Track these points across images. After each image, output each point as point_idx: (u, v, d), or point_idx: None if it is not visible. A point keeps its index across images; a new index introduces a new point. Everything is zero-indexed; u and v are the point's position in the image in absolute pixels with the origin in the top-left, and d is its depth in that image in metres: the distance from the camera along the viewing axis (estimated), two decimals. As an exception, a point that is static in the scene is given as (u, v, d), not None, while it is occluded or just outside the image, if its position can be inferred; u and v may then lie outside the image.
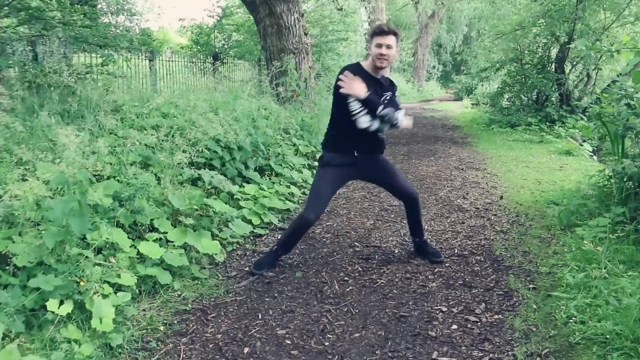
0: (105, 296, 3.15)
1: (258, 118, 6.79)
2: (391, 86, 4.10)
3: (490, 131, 13.57)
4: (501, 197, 6.54)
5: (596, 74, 14.04)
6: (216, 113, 5.89)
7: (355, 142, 4.02)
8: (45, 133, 4.39)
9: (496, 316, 3.48)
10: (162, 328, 3.27)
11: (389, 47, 3.83)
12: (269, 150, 6.53)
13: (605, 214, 4.66)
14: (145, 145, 4.80)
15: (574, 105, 13.44)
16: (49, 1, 7.30)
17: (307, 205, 4.08)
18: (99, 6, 10.55)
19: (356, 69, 3.93)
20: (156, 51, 11.82)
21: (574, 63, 14.29)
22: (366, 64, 3.99)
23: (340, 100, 3.89)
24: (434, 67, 41.56)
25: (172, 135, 4.79)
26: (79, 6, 7.50)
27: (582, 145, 10.13)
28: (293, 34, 9.85)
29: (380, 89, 3.96)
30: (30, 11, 6.88)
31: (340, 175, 4.16)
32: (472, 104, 20.65)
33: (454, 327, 3.35)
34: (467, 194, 6.80)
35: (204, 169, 5.09)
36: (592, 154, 9.87)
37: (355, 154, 4.05)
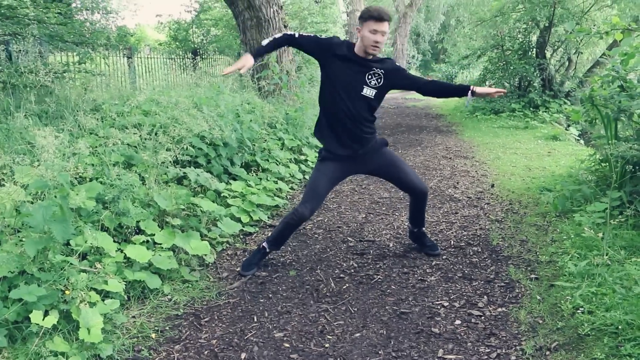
0: (92, 304, 2.99)
1: (242, 113, 6.64)
2: (381, 62, 3.79)
3: (474, 119, 13.50)
4: (492, 185, 6.45)
5: (577, 57, 14.04)
6: (200, 109, 5.72)
7: (336, 133, 3.88)
8: (23, 135, 4.20)
9: (500, 309, 3.37)
10: (153, 335, 3.12)
11: (383, 34, 3.62)
12: (255, 145, 6.38)
13: (602, 199, 4.57)
14: (128, 144, 4.63)
15: (556, 90, 13.43)
16: (21, -1, 7.07)
17: (302, 200, 3.90)
18: (73, 4, 10.31)
19: (343, 45, 3.79)
20: (134, 48, 11.63)
21: (555, 48, 14.29)
22: (356, 47, 3.76)
23: (323, 82, 3.83)
24: (413, 56, 41.47)
25: (155, 134, 4.63)
26: (51, 2, 7.27)
27: (567, 130, 10.09)
28: (273, 27, 9.67)
29: (364, 68, 3.74)
30: (2, 10, 6.64)
31: (339, 169, 3.98)
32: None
33: (458, 322, 3.24)
34: (457, 183, 6.70)
35: (189, 166, 4.93)
36: (578, 138, 9.83)
37: (339, 152, 3.91)
